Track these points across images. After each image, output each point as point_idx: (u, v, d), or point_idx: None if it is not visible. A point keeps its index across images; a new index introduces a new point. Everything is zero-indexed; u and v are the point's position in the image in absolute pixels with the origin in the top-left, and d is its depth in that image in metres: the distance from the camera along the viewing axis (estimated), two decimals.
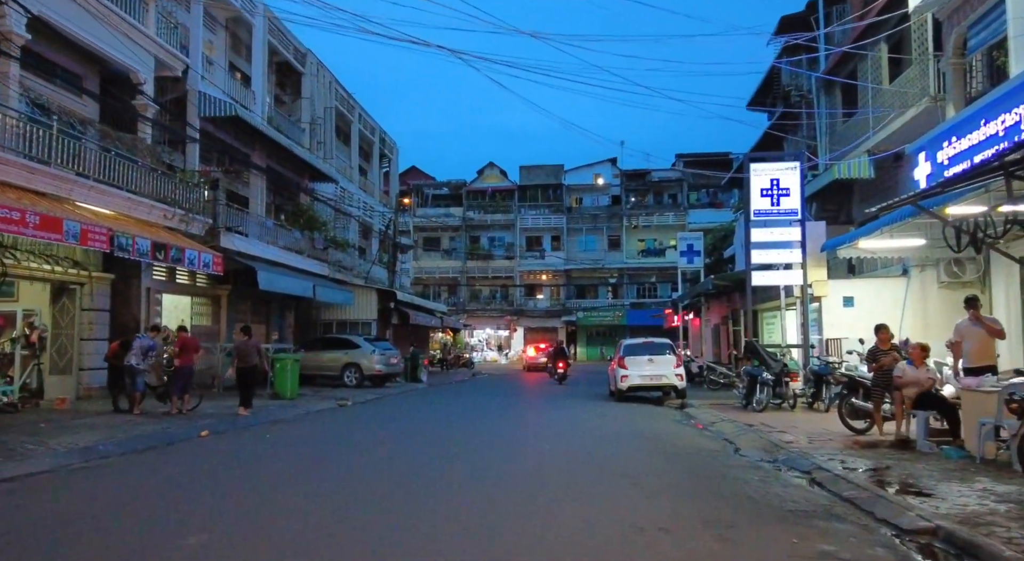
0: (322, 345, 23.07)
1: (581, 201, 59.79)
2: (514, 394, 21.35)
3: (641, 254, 57.68)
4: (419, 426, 12.88)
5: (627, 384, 16.58)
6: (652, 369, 16.61)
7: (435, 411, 15.87)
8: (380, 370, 22.18)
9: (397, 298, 27.71)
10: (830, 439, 9.38)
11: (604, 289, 58.48)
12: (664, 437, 10.45)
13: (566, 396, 19.94)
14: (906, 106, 17.55)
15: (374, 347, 22.28)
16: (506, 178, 59.99)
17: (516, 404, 17.47)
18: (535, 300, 58.39)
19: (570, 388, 24.31)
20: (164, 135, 18.35)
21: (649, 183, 59.34)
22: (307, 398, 17.49)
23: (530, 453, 9.22)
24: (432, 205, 61.09)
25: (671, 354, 16.92)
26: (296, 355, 17.53)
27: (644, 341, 17.86)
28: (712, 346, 27.16)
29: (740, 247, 22.29)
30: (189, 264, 15.07)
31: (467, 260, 58.04)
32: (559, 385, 25.50)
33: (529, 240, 59.32)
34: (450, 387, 26.12)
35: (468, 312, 57.33)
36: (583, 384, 27.06)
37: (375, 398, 19.03)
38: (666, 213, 57.45)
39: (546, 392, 22.28)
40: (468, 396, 21.01)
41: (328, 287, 23.56)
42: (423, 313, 30.81)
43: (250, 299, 23.17)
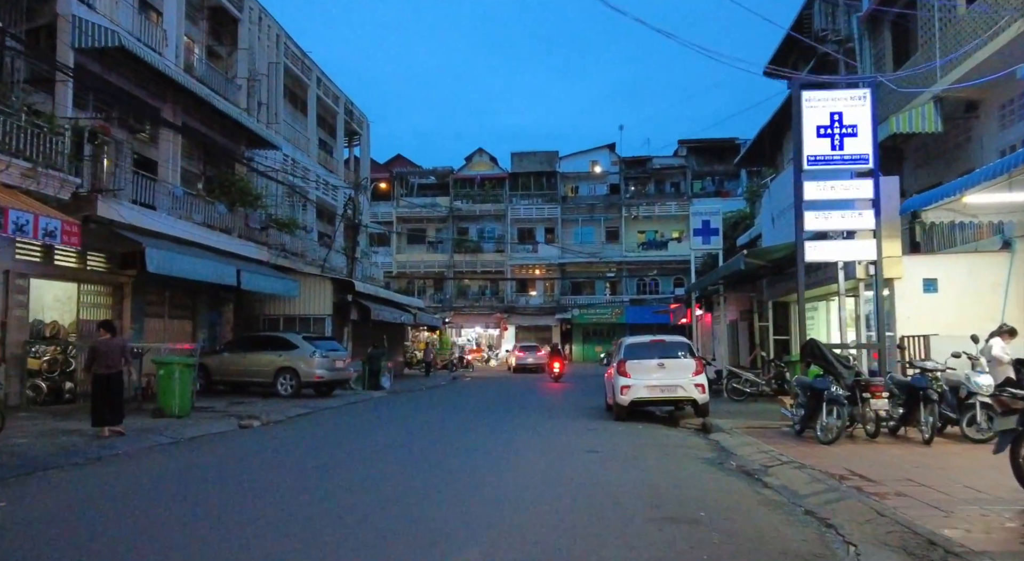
0: (250, 345, 18.74)
1: (577, 190, 55.48)
2: (485, 408, 17.01)
3: (641, 247, 53.40)
4: (316, 467, 8.53)
5: (630, 397, 12.25)
6: (663, 377, 12.28)
7: (364, 438, 11.53)
8: (322, 376, 17.85)
9: (356, 290, 23.32)
10: (1010, 520, 5.05)
11: (602, 284, 54.19)
12: (700, 507, 5.95)
13: (550, 411, 15.62)
14: (994, 33, 13.25)
15: (315, 347, 17.94)
16: (496, 165, 55.66)
17: (481, 424, 13.17)
18: (527, 296, 54.07)
19: (558, 397, 20.01)
20: (21, 69, 13.97)
21: (650, 171, 55.05)
22: (204, 416, 13.14)
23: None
24: (418, 195, 56.78)
25: (688, 357, 12.59)
26: (187, 359, 13.18)
27: (652, 340, 13.50)
28: (729, 347, 22.84)
29: (768, 223, 17.99)
30: (17, 231, 10.71)
31: (454, 253, 53.72)
32: (546, 391, 21.20)
33: (521, 232, 55.04)
34: (417, 396, 21.78)
35: (455, 309, 53.05)
36: (577, 392, 22.76)
37: (304, 414, 14.68)
38: (668, 203, 53.17)
39: (527, 404, 17.93)
40: (429, 410, 16.67)
41: (263, 274, 19.21)
42: (390, 308, 26.45)
43: (167, 288, 18.83)
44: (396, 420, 14.00)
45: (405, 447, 10.18)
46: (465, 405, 17.88)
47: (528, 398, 19.88)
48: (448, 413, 15.44)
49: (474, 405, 17.79)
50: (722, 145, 54.48)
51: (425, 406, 17.61)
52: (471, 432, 11.79)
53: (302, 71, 26.70)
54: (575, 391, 23.35)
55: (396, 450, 9.84)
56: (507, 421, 13.37)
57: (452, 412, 15.64)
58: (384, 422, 13.48)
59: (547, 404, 17.60)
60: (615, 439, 10.44)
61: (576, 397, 20.14)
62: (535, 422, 12.86)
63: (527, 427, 12.20)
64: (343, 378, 19.09)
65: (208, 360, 18.55)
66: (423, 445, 10.33)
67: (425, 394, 22.38)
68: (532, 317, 52.96)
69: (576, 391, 23.22)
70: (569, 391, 23.55)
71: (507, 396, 21.00)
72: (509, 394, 22.10)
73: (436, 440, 10.78)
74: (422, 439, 10.98)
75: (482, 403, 18.31)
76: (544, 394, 22.09)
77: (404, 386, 24.67)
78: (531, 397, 20.33)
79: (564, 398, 19.98)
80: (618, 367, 12.52)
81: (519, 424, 12.70)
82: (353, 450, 9.95)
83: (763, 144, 30.05)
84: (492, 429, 12.15)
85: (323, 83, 28.79)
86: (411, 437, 11.21)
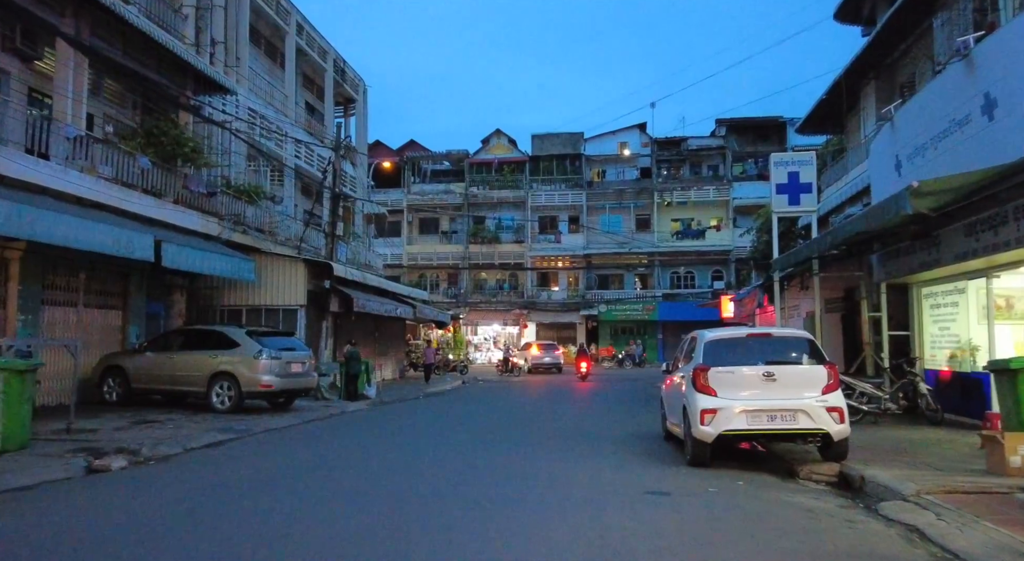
0: (181, 342, 14.16)
1: (604, 174, 50.52)
2: (489, 433, 12.27)
3: (676, 236, 48.28)
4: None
5: (717, 427, 7.33)
6: (773, 395, 7.38)
7: (277, 503, 6.75)
8: (270, 383, 13.22)
9: (334, 274, 18.71)
10: None
11: (631, 278, 49.18)
12: None
13: (580, 440, 10.78)
14: None
15: (261, 346, 13.31)
16: (515, 148, 50.88)
17: (478, 462, 8.48)
18: (549, 291, 49.22)
19: (589, 413, 15.21)
20: None
21: (685, 152, 49.88)
22: (46, 449, 8.52)
23: None
24: (431, 182, 52.23)
25: (813, 361, 7.68)
26: (19, 364, 8.57)
27: (750, 334, 8.48)
28: None
29: (885, 172, 12.98)
30: None
31: (469, 244, 49.05)
32: (571, 400, 16.48)
33: (542, 220, 50.17)
34: (406, 410, 17.10)
35: (471, 305, 48.43)
36: (612, 400, 17.96)
37: (219, 442, 10.03)
38: (705, 187, 48.00)
39: (547, 427, 13.11)
40: (409, 437, 11.95)
41: (201, 250, 14.62)
42: (383, 299, 21.81)
43: (83, 269, 14.40)
44: (354, 457, 9.28)
45: (336, 527, 5.46)
46: (465, 424, 13.12)
47: (549, 415, 15.08)
48: (434, 443, 10.67)
49: (477, 427, 13.02)
50: (765, 124, 49.29)
51: (408, 429, 12.85)
52: (462, 487, 7.04)
53: (277, 13, 22.15)
54: (609, 399, 18.52)
55: (316, 529, 5.14)
56: (516, 462, 8.60)
57: (439, 441, 10.86)
58: (331, 464, 8.77)
59: (575, 426, 12.76)
60: (703, 522, 5.59)
61: (613, 410, 15.32)
62: (558, 469, 8.04)
63: (544, 478, 7.40)
64: (303, 387, 14.43)
65: (126, 362, 14.06)
66: (368, 524, 5.59)
67: (419, 406, 17.67)
68: (554, 314, 48.12)
69: (611, 399, 18.39)
70: (601, 398, 18.72)
71: (522, 411, 16.23)
72: (525, 407, 17.33)
73: (397, 508, 6.03)
74: (373, 508, 6.23)
75: (487, 424, 13.54)
76: (570, 405, 17.30)
77: (396, 394, 20.00)
78: (553, 413, 15.52)
79: (596, 414, 15.18)
80: (695, 378, 7.65)
81: (531, 471, 7.91)
82: (231, 534, 5.25)
83: (832, 104, 24.98)
84: (491, 472, 7.44)
85: (306, 32, 24.23)
86: (358, 504, 6.45)
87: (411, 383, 24.89)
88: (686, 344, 8.99)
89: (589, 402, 18.24)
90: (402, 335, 28.49)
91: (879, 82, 22.15)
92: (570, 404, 17.83)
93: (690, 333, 9.12)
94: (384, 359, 25.84)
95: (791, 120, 48.97)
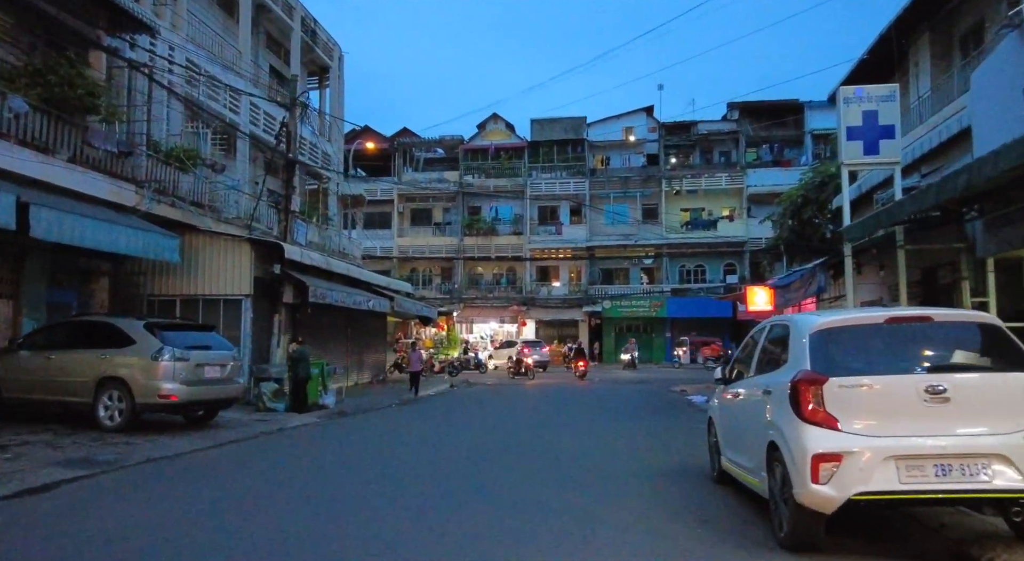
0: (65, 337, 10.84)
1: (608, 161, 47.20)
2: (467, 457, 9.00)
3: (685, 227, 44.96)
4: None
5: (850, 487, 4.06)
6: (946, 427, 4.11)
7: None
8: (173, 393, 9.88)
9: (286, 257, 15.41)
10: None
11: (637, 272, 45.84)
12: None
13: (584, 482, 7.45)
14: None
15: (163, 343, 9.99)
16: (513, 134, 47.55)
17: (431, 530, 5.20)
18: (549, 286, 45.90)
19: (596, 430, 11.89)
20: None
21: (695, 137, 46.53)
22: None
23: None
24: (424, 171, 48.96)
25: (1008, 364, 4.37)
26: None
27: (893, 316, 4.82)
28: None
29: (990, 111, 9.66)
30: None
31: (464, 236, 45.76)
32: (571, 414, 13.22)
33: (542, 211, 46.89)
34: (373, 420, 13.81)
35: (465, 301, 45.14)
36: (621, 411, 14.68)
37: (64, 482, 6.72)
38: (717, 175, 44.68)
39: (538, 452, 9.76)
40: (351, 470, 8.61)
41: (99, 220, 11.30)
42: (349, 289, 18.49)
43: None
44: (234, 521, 5.96)
45: None
46: (426, 453, 9.78)
47: (547, 433, 11.75)
48: (377, 487, 7.31)
49: (448, 453, 9.68)
50: (781, 106, 45.88)
51: (351, 461, 9.48)
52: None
53: None
54: (619, 409, 15.20)
55: None
56: (491, 533, 5.29)
57: (384, 483, 7.50)
58: (186, 534, 5.46)
59: (582, 455, 9.43)
60: None
61: (627, 426, 12.01)
62: (560, 551, 4.76)
63: None
64: (222, 397, 11.08)
65: None
66: None
67: (385, 420, 14.34)
68: (555, 310, 44.80)
69: (620, 409, 15.07)
70: (608, 408, 15.40)
71: (511, 428, 12.91)
72: (516, 422, 14.01)
73: None
74: None
75: (463, 449, 10.21)
76: (572, 418, 13.99)
77: (366, 402, 16.68)
78: (552, 431, 12.19)
79: (607, 431, 11.86)
80: (800, 397, 4.27)
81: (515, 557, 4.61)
82: None
83: (875, 66, 21.68)
84: None
85: None
86: None
87: (394, 387, 21.58)
88: (764, 337, 5.63)
89: (594, 413, 14.94)
90: (383, 333, 25.17)
91: (933, 35, 18.89)
92: (572, 417, 14.51)
93: (768, 321, 5.82)
94: (360, 360, 22.55)
95: (808, 102, 45.75)
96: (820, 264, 10.32)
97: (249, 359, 15.22)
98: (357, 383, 21.21)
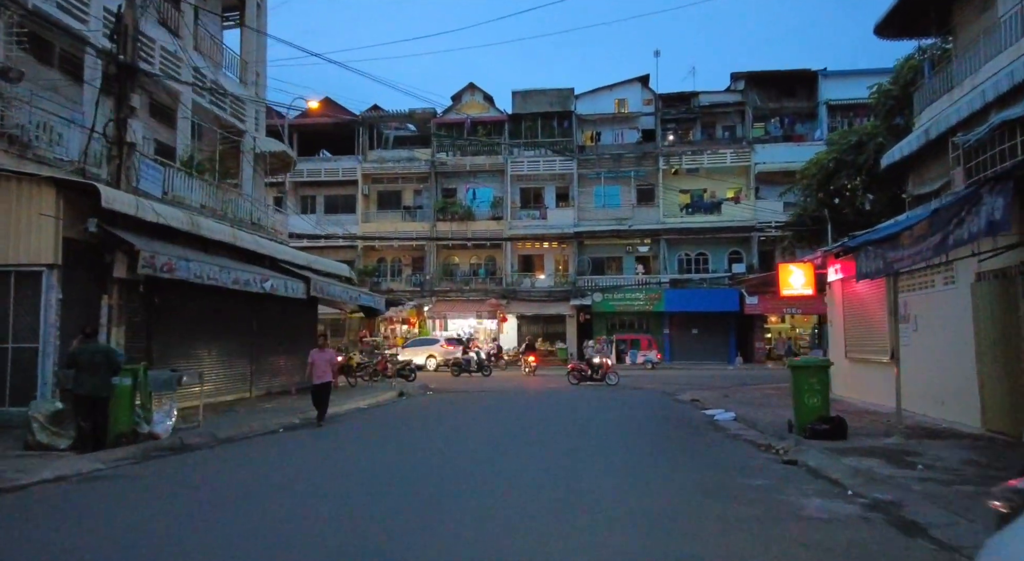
0: None
1: (599, 137, 42.16)
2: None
3: (685, 210, 40.04)
4: None
5: None
6: None
7: None
8: None
9: (103, 207, 10.26)
10: None
11: (631, 261, 40.86)
12: None
13: None
14: None
15: None
16: (492, 106, 42.45)
17: None
18: (533, 277, 40.85)
19: (575, 481, 6.80)
20: None
21: (696, 110, 41.51)
22: None
23: None
24: (395, 148, 43.93)
25: None
26: None
27: None
28: (986, 344, 9.47)
29: None
30: None
31: (437, 220, 40.68)
32: (529, 417, 8.13)
33: (525, 193, 41.91)
34: (211, 463, 8.70)
35: (438, 294, 40.10)
36: (602, 438, 9.54)
37: None
38: (721, 151, 39.72)
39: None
40: None
41: None
42: (229, 263, 13.29)
43: None
44: None
45: None
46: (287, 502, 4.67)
47: (497, 493, 6.69)
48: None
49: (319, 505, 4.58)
50: (792, 75, 41.02)
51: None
52: None
53: None
54: (613, 434, 10.10)
55: None
56: None
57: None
58: None
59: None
60: None
61: (620, 468, 6.99)
62: None
63: None
64: None
65: None
66: None
67: (235, 463, 9.20)
68: (539, 304, 39.75)
69: (616, 435, 9.98)
70: (589, 431, 10.30)
71: (439, 475, 7.84)
72: (451, 457, 8.94)
73: None
74: None
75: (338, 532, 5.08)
76: (533, 452, 8.92)
77: (233, 427, 11.53)
78: (505, 479, 7.13)
79: (595, 487, 6.82)
80: None
81: None
82: None
83: None
84: None
85: None
86: None
87: (339, 395, 16.39)
88: None
89: (569, 442, 9.88)
90: (310, 328, 19.95)
91: None
92: (533, 450, 9.44)
93: None
94: (273, 365, 17.40)
95: (823, 70, 40.78)
96: (990, 179, 5.43)
97: (54, 362, 10.12)
98: (249, 396, 16.02)
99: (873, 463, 7.63)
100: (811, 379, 9.95)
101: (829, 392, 10.14)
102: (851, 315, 15.43)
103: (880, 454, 8.28)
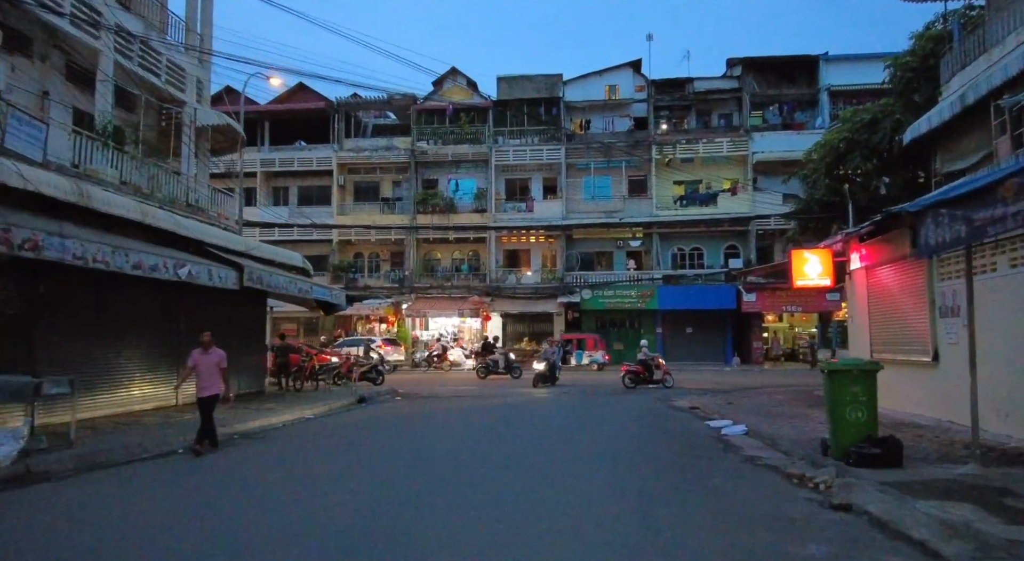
0: None
1: (588, 125, 39.90)
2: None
3: (679, 202, 37.83)
4: None
5: None
6: None
7: None
8: None
9: None
10: None
11: (622, 256, 38.62)
12: None
13: None
14: None
15: None
16: (476, 92, 40.11)
17: None
18: (518, 273, 38.53)
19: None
20: None
21: (691, 96, 39.33)
22: None
23: None
24: (374, 136, 41.57)
25: None
26: None
27: None
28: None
29: None
30: None
31: (417, 213, 38.31)
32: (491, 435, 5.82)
33: (510, 184, 39.61)
34: (37, 507, 6.33)
35: (418, 291, 37.74)
36: (604, 472, 7.12)
37: None
38: (717, 140, 37.54)
39: None
40: None
41: None
42: (108, 239, 10.87)
43: None
44: None
45: None
46: None
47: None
48: None
49: None
50: (791, 61, 38.91)
51: None
52: None
53: None
54: (599, 452, 7.81)
55: None
56: None
57: None
58: None
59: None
60: None
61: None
62: None
63: None
64: None
65: None
66: None
67: (75, 508, 6.84)
68: (525, 301, 37.45)
69: (602, 453, 7.69)
70: (568, 452, 8.00)
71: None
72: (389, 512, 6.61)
73: None
74: None
75: None
76: (499, 500, 6.65)
77: (114, 448, 9.16)
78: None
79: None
80: None
81: None
82: None
83: None
84: None
85: None
86: None
87: (274, 402, 14.05)
88: None
89: (546, 474, 7.62)
90: (257, 327, 17.53)
91: None
92: (508, 483, 7.17)
93: None
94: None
95: (824, 55, 38.68)
96: None
97: None
98: (175, 404, 13.60)
99: (965, 511, 5.38)
100: (854, 388, 7.70)
101: (877, 404, 7.87)
102: (878, 308, 13.20)
103: (963, 493, 6.04)
